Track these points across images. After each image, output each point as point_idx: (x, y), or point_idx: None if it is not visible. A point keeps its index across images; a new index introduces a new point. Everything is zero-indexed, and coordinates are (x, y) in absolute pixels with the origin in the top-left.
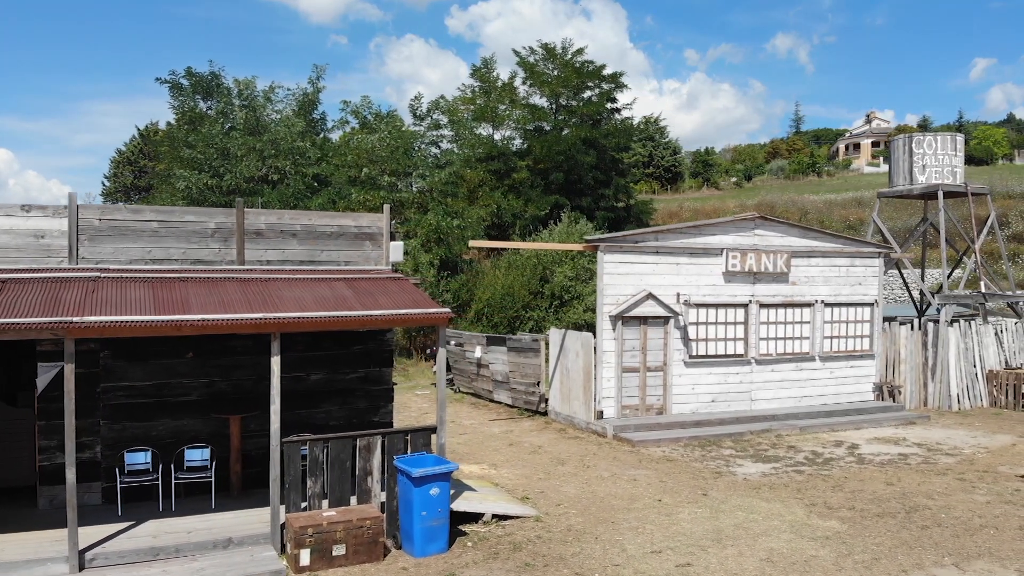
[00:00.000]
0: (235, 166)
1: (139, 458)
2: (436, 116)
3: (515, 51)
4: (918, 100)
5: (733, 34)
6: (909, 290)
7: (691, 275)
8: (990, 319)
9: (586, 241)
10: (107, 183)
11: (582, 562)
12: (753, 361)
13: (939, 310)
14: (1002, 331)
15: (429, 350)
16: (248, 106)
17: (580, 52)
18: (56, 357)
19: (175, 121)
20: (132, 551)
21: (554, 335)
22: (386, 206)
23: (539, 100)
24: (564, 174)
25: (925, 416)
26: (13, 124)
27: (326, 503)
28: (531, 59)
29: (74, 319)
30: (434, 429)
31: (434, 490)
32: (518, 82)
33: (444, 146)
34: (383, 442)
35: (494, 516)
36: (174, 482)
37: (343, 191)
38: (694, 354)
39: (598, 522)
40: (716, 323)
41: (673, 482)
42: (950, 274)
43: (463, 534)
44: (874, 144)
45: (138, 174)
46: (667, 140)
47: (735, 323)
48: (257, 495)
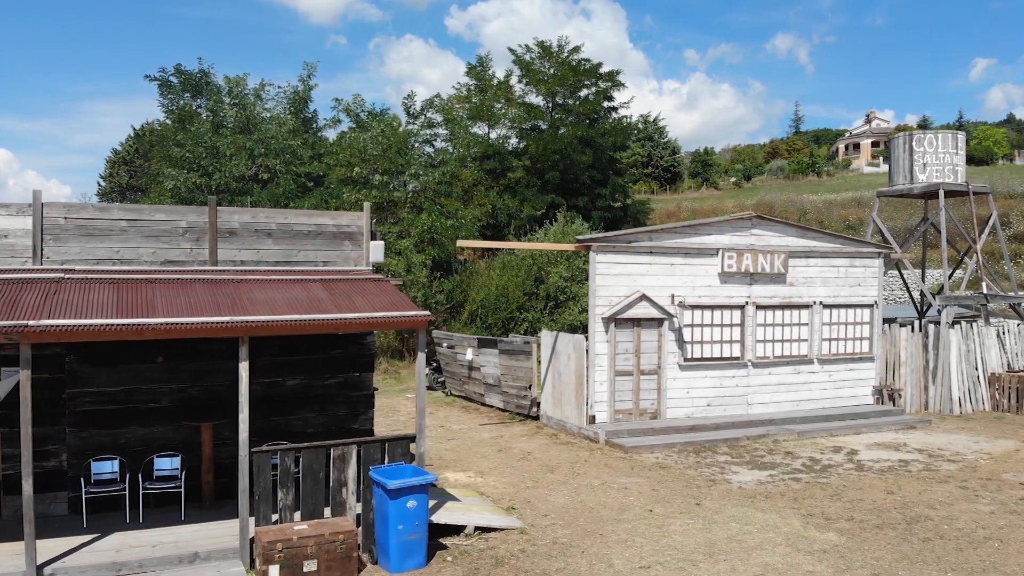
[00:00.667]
0: (224, 165)
1: (106, 467)
2: (430, 114)
3: (511, 49)
4: (918, 100)
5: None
6: (909, 291)
7: (686, 276)
8: (992, 321)
9: (578, 241)
10: (103, 183)
11: None
12: (750, 364)
13: (940, 311)
14: (1004, 333)
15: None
16: (238, 104)
17: (576, 50)
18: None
19: (164, 119)
20: (93, 566)
21: (546, 337)
22: (366, 204)
23: (535, 99)
24: (560, 173)
25: (926, 420)
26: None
27: (298, 515)
28: (527, 57)
29: (30, 323)
30: (413, 438)
31: (411, 503)
32: (514, 80)
33: (439, 145)
34: (359, 451)
35: (477, 528)
36: (143, 492)
37: (335, 191)
38: (689, 357)
39: (585, 534)
40: (712, 325)
41: (665, 491)
42: (951, 275)
43: (443, 547)
44: (874, 144)
45: (134, 174)
46: (666, 140)
47: (731, 325)
48: (229, 506)
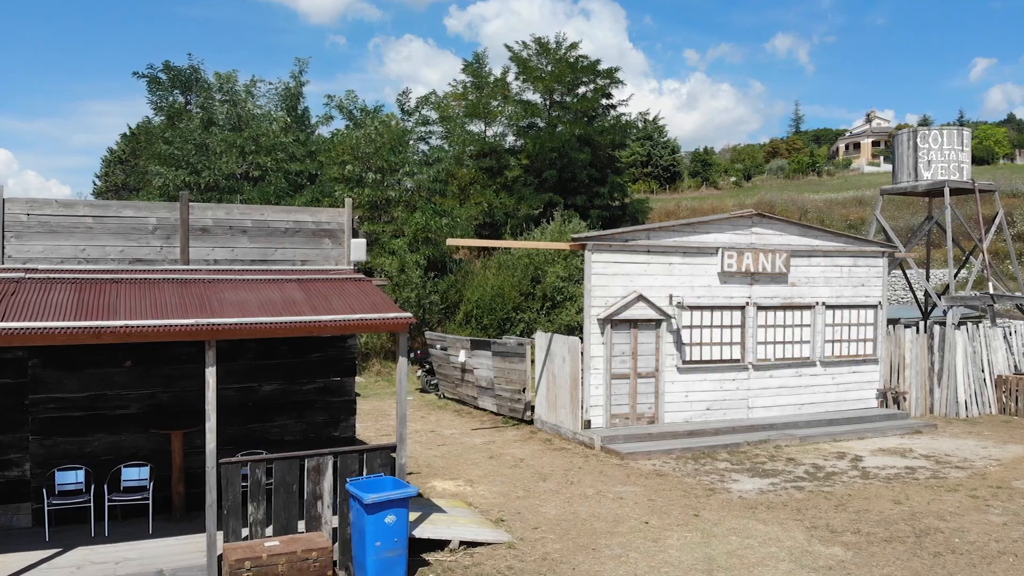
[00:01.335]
0: (214, 163)
1: (71, 477)
2: (425, 111)
3: (508, 46)
4: (918, 100)
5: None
6: (913, 291)
7: (685, 276)
8: (998, 321)
9: (573, 239)
10: (98, 182)
11: None
12: (750, 367)
13: (946, 312)
14: (1011, 334)
15: (414, 353)
16: (229, 101)
17: (574, 47)
18: None
19: (154, 116)
20: None
21: (540, 339)
22: (348, 199)
23: (532, 96)
24: (558, 172)
25: (932, 424)
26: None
27: (271, 530)
28: (524, 54)
29: None
30: (394, 447)
31: (390, 518)
32: (511, 77)
33: (434, 143)
34: (335, 462)
35: (462, 543)
36: (110, 504)
37: (327, 189)
38: (688, 359)
39: (577, 548)
40: (711, 326)
41: (662, 501)
42: (956, 274)
43: (426, 564)
44: (874, 144)
45: (129, 173)
46: (665, 139)
47: (731, 326)
48: (201, 518)
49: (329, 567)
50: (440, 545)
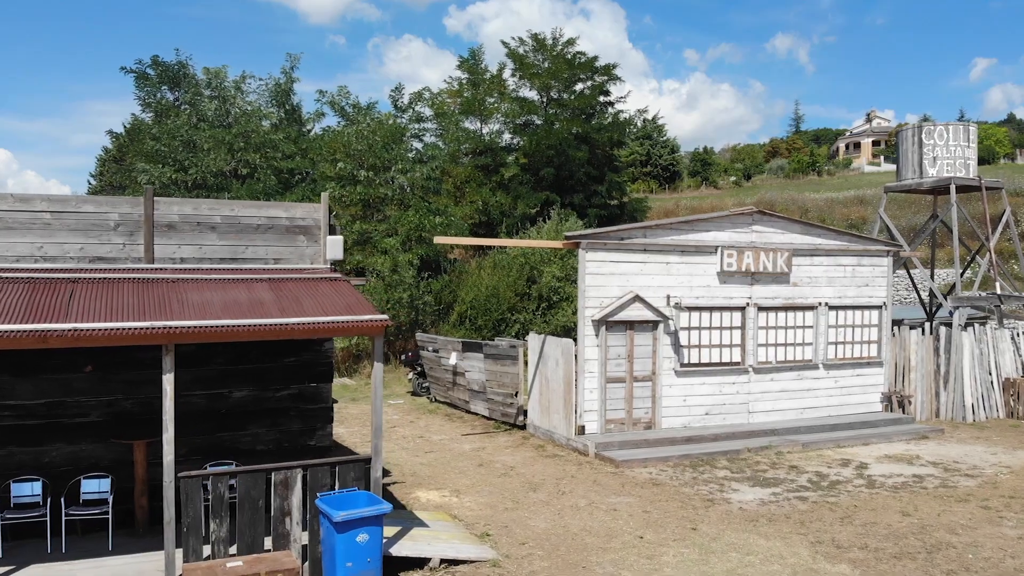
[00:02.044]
0: (201, 159)
1: (26, 489)
2: (419, 108)
3: (504, 42)
4: (918, 100)
5: (733, 34)
6: (918, 291)
7: (683, 275)
8: (1005, 322)
9: (567, 238)
10: (93, 181)
11: None
12: (751, 369)
13: (952, 312)
14: (1019, 335)
15: (405, 355)
16: (217, 96)
17: (571, 43)
18: None
19: (141, 113)
20: None
21: (533, 341)
22: (324, 194)
23: (529, 93)
24: (555, 170)
25: (938, 429)
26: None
27: (235, 549)
28: (521, 50)
29: None
30: (368, 460)
31: (362, 536)
32: (507, 74)
33: (428, 140)
34: (304, 476)
35: (443, 561)
36: (69, 518)
37: (319, 187)
38: (686, 362)
39: (566, 566)
40: (710, 328)
41: (659, 513)
42: (962, 273)
43: None
44: (874, 143)
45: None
46: (665, 138)
47: (731, 328)
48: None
49: None
50: (420, 563)
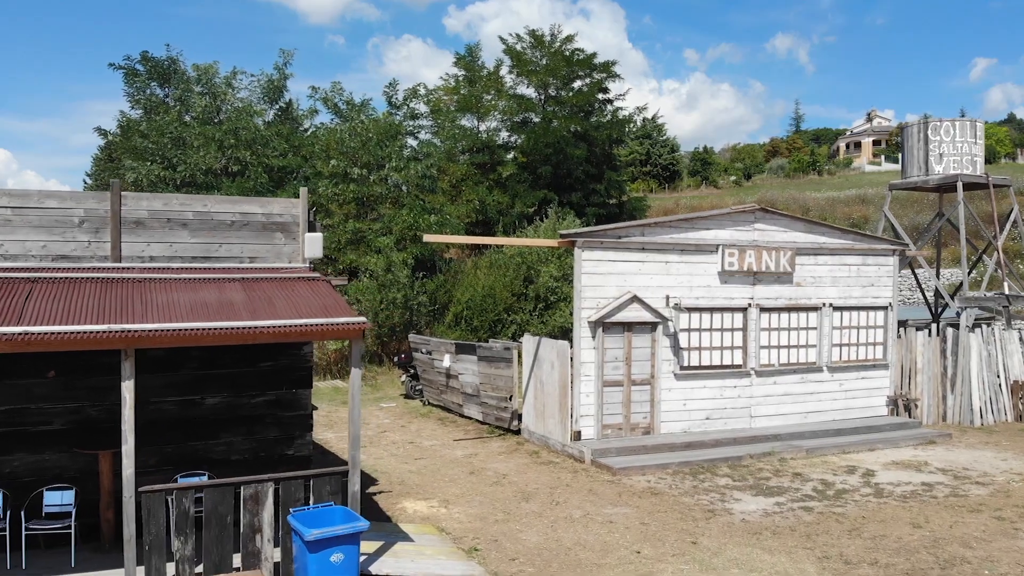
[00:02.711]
0: (191, 157)
1: None
2: (414, 105)
3: (501, 38)
4: (918, 100)
5: (733, 34)
6: (923, 291)
7: (682, 275)
8: (1013, 323)
9: (562, 236)
10: (89, 180)
11: None
12: (753, 372)
13: (959, 313)
14: None
15: (398, 357)
16: (208, 93)
17: (570, 39)
18: None
19: (130, 109)
20: None
21: (527, 343)
22: (303, 190)
23: (527, 90)
24: (553, 168)
25: (946, 434)
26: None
27: (200, 568)
28: (518, 47)
29: None
30: (345, 473)
31: (336, 556)
32: (504, 71)
33: (423, 137)
34: (276, 490)
35: None
36: (30, 532)
37: (311, 185)
38: (686, 365)
39: None
40: (711, 329)
41: (657, 525)
42: (969, 272)
43: None
44: (875, 143)
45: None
46: (664, 138)
47: (732, 329)
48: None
49: None
50: None
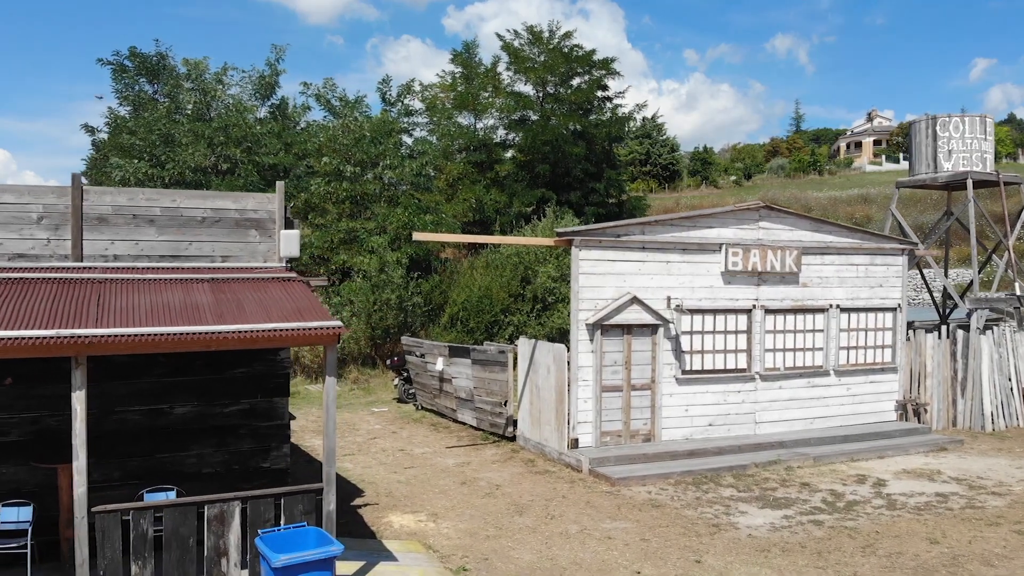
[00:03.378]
0: (179, 154)
1: None
2: (408, 101)
3: (499, 35)
4: (918, 100)
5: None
6: (931, 292)
7: (684, 275)
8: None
9: (558, 234)
10: (85, 180)
11: None
12: (757, 377)
13: (970, 314)
14: None
15: (391, 360)
16: (197, 89)
17: (568, 36)
18: None
19: (118, 106)
20: None
21: (523, 346)
22: (280, 184)
23: (524, 87)
24: (551, 166)
25: (957, 440)
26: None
27: None
28: (516, 43)
29: None
30: (319, 491)
31: None
32: (502, 68)
33: (418, 134)
34: (244, 510)
35: None
36: None
37: (303, 183)
38: (688, 369)
39: None
40: (713, 332)
41: (658, 541)
42: (980, 271)
43: None
44: (876, 143)
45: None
46: (664, 137)
47: (736, 332)
48: (93, 568)
49: None
50: None
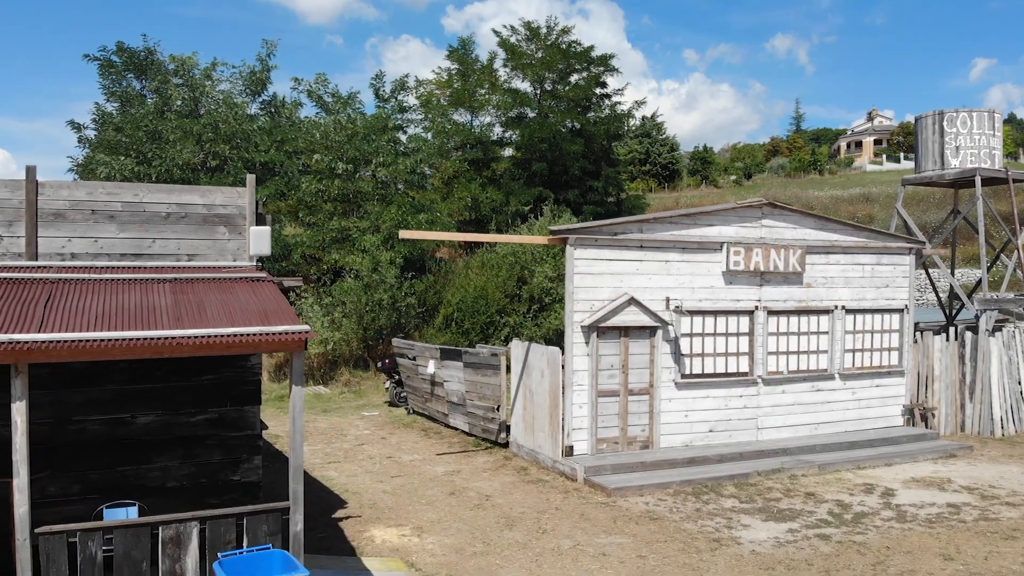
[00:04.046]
0: (167, 151)
1: None
2: (402, 98)
3: (495, 31)
4: (918, 100)
5: (732, 34)
6: (936, 291)
7: (684, 275)
8: None
9: (552, 232)
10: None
11: None
12: (760, 381)
13: (978, 316)
14: None
15: (382, 363)
16: (186, 84)
17: (566, 32)
18: None
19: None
20: None
21: (516, 349)
22: (250, 177)
23: (522, 84)
24: (548, 164)
25: (967, 446)
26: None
27: None
28: (513, 39)
29: None
30: (286, 511)
31: None
32: (499, 64)
33: (412, 132)
34: (203, 531)
35: None
36: None
37: (294, 180)
38: (687, 373)
39: None
40: (714, 334)
41: (656, 558)
42: (988, 270)
43: None
44: (876, 142)
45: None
46: (664, 136)
47: (737, 334)
48: None
49: None
50: None
